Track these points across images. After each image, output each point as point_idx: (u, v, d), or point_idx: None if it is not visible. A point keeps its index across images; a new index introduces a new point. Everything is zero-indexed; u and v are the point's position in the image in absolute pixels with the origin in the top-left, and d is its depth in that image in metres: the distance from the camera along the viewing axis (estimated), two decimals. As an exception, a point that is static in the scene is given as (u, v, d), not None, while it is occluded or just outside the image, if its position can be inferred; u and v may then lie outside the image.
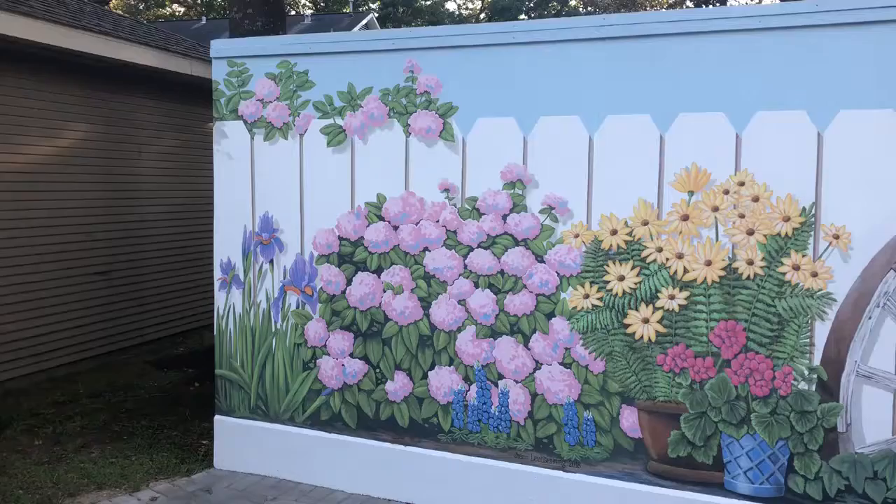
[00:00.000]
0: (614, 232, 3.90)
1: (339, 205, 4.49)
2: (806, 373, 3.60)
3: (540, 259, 4.06)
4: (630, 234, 3.87)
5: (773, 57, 3.56)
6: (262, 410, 4.76)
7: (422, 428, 4.38)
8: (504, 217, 4.13)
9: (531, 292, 4.09)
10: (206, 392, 6.22)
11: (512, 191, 4.10)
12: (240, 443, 4.82)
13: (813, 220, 3.56)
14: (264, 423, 4.76)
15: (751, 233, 3.65)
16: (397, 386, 4.42)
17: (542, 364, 4.09)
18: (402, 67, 4.28)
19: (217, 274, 4.88)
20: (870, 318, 3.49)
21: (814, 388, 3.59)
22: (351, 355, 4.51)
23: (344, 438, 4.55)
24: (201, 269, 8.55)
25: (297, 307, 4.63)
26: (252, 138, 4.70)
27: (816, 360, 3.58)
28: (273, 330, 4.69)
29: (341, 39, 4.54)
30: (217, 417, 4.91)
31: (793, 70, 3.53)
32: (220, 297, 4.88)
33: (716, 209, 3.71)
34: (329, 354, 4.56)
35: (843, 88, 3.46)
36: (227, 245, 4.82)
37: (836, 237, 3.52)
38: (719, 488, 3.78)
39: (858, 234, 3.49)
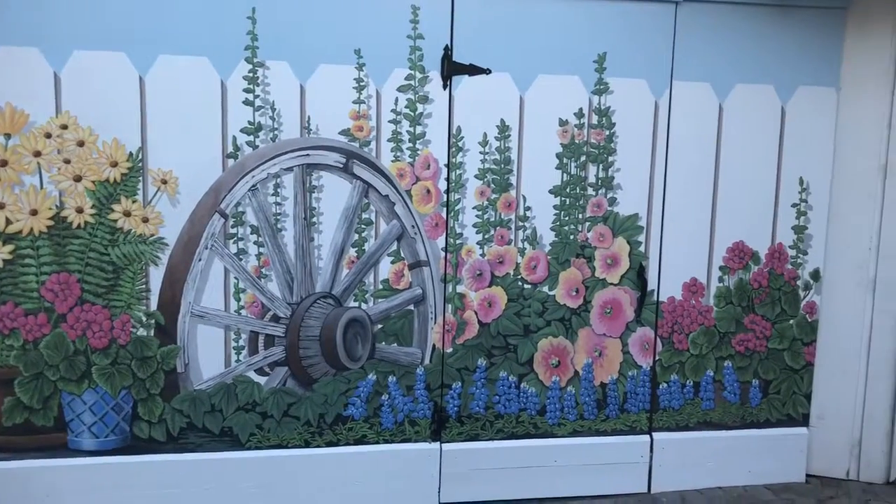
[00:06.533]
0: (-82, 180, 3.34)
1: None
2: (144, 319, 3.59)
3: None
4: (-61, 182, 3.36)
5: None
6: None
7: None
8: None
9: None
10: None
11: None
12: None
13: (140, 165, 3.52)
14: None
15: (78, 179, 3.47)
16: None
17: None
18: None
19: None
20: (200, 259, 3.62)
21: (153, 333, 3.61)
22: None
23: None
24: None
25: None
26: None
27: (153, 306, 3.60)
28: None
29: None
30: None
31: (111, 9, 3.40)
32: None
33: (38, 154, 3.42)
34: None
35: (163, 31, 3.45)
36: None
37: (164, 182, 3.54)
38: (64, 449, 3.59)
39: (185, 179, 3.56)
